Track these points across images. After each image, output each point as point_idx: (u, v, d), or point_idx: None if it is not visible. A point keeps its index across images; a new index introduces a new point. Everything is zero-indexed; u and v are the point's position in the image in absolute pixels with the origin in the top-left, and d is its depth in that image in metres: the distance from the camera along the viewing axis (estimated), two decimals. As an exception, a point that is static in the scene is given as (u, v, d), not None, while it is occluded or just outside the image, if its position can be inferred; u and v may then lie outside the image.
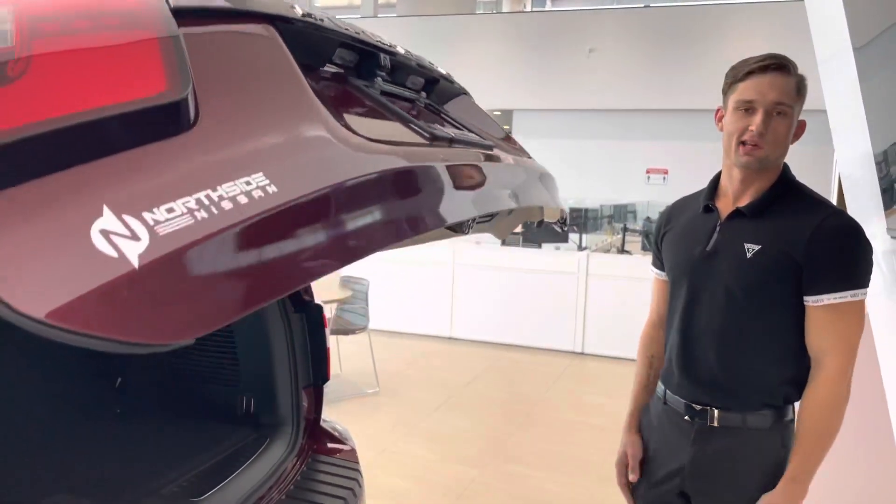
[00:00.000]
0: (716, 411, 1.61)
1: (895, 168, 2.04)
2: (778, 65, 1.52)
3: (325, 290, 5.00)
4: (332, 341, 4.75)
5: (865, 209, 2.20)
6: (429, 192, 0.84)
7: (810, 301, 1.52)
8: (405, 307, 7.01)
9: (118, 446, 1.88)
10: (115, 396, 2.17)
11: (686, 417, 1.66)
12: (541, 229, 7.45)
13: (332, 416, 2.20)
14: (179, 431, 1.98)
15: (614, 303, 6.13)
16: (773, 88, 1.50)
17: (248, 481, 1.70)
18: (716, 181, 1.70)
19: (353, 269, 6.48)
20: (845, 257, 1.50)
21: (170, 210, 0.49)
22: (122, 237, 0.46)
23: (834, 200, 6.39)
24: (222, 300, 0.53)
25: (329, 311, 4.85)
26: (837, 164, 3.60)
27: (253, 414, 2.01)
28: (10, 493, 1.53)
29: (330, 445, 2.05)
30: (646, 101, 13.24)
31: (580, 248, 7.49)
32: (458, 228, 1.18)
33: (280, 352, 1.98)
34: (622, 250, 7.78)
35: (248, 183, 0.56)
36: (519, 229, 7.61)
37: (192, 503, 1.53)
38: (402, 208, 0.78)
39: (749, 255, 1.55)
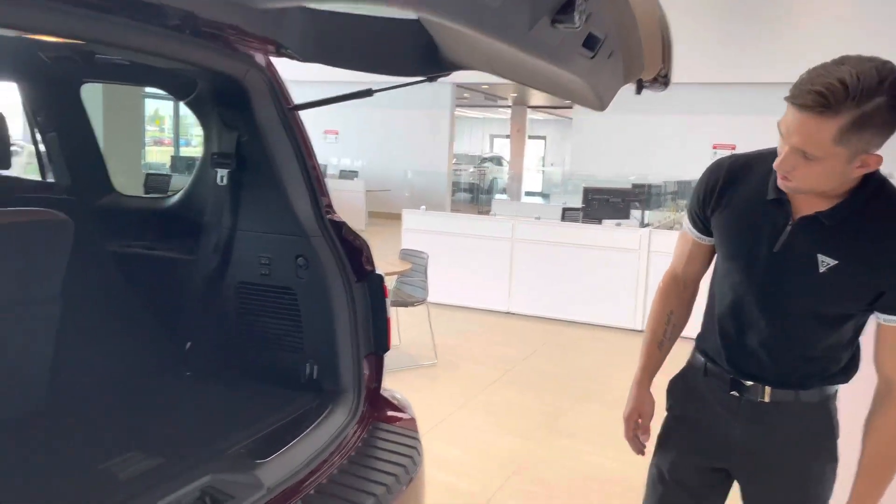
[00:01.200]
0: (767, 387, 1.54)
1: None
2: (819, 106, 1.25)
3: (385, 262, 5.05)
4: (391, 313, 4.80)
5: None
6: None
7: (886, 320, 1.43)
8: (463, 281, 7.03)
9: (187, 408, 1.95)
10: (184, 360, 2.25)
11: (733, 392, 1.58)
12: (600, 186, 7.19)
13: (390, 386, 2.22)
14: (245, 395, 2.04)
15: (677, 281, 5.97)
16: (799, 133, 1.29)
17: (310, 446, 1.74)
18: None
19: (412, 242, 6.51)
20: None
21: None
22: None
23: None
24: None
25: (388, 284, 4.88)
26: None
27: (316, 380, 2.05)
28: (86, 451, 1.61)
29: (390, 413, 2.08)
30: (714, 74, 12.75)
31: (642, 224, 7.34)
32: (568, 18, 1.14)
33: (342, 320, 2.01)
34: (686, 227, 7.57)
35: None
36: (579, 204, 7.49)
37: (257, 465, 1.57)
38: None
39: (822, 270, 1.41)
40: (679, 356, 1.79)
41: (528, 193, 19.58)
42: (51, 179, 2.59)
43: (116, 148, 6.67)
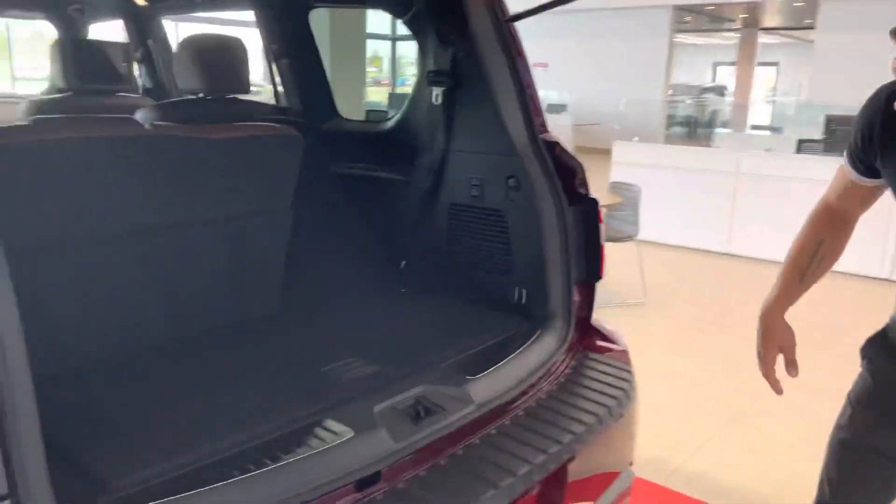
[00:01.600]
0: None
1: None
2: None
3: (594, 193, 4.88)
4: (600, 247, 4.66)
5: None
6: None
7: None
8: (677, 218, 6.61)
9: (402, 322, 2.01)
10: (400, 278, 2.33)
11: None
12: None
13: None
14: (456, 314, 2.06)
15: (941, 225, 5.10)
16: None
17: (519, 368, 1.71)
18: None
19: (623, 177, 6.22)
20: None
21: None
22: None
23: None
24: None
25: (597, 217, 4.70)
26: None
27: (524, 304, 2.01)
28: (311, 353, 1.72)
29: (601, 344, 1.99)
30: None
31: (898, 158, 6.33)
32: None
33: (553, 244, 1.93)
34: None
35: None
36: (819, 136, 6.62)
37: (467, 381, 1.57)
38: None
39: None
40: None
41: (755, 127, 17.83)
42: (284, 105, 2.78)
43: (341, 85, 7.11)
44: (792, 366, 1.60)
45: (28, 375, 0.95)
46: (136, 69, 3.48)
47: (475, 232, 2.12)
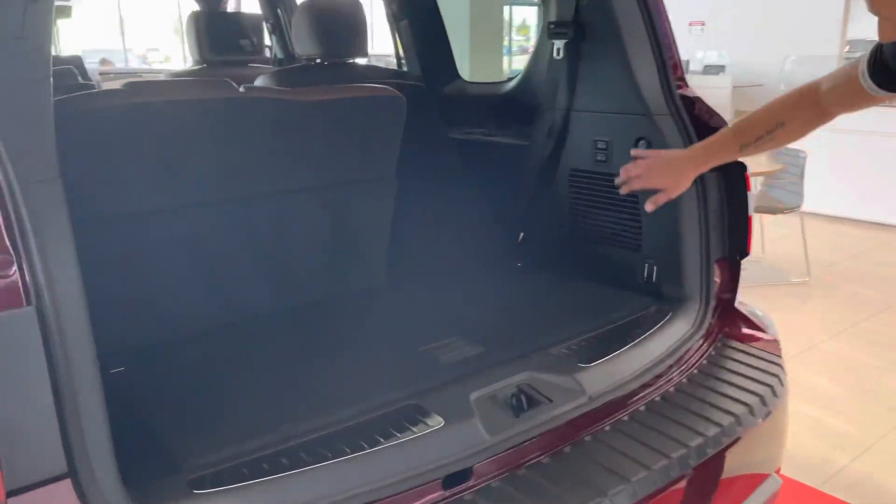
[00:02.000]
0: None
1: None
2: None
3: (751, 161, 4.40)
4: (755, 220, 4.21)
5: None
6: None
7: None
8: (851, 188, 5.87)
9: (514, 300, 1.85)
10: (516, 251, 2.17)
11: None
12: None
13: (749, 301, 1.85)
14: (575, 291, 1.87)
15: None
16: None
17: (643, 356, 1.51)
18: None
19: (785, 141, 5.58)
20: None
21: None
22: None
23: None
24: None
25: (754, 186, 4.22)
26: None
27: (654, 283, 1.79)
28: (412, 330, 1.60)
29: (745, 331, 1.73)
30: None
31: None
32: None
33: (690, 215, 1.69)
34: None
35: None
36: None
37: (580, 368, 1.39)
38: None
39: None
40: None
41: (950, 83, 15.63)
42: (405, 69, 2.68)
43: (480, 52, 6.99)
44: (654, 205, 1.55)
45: (90, 350, 0.90)
46: (269, 40, 3.53)
47: (600, 201, 1.91)
